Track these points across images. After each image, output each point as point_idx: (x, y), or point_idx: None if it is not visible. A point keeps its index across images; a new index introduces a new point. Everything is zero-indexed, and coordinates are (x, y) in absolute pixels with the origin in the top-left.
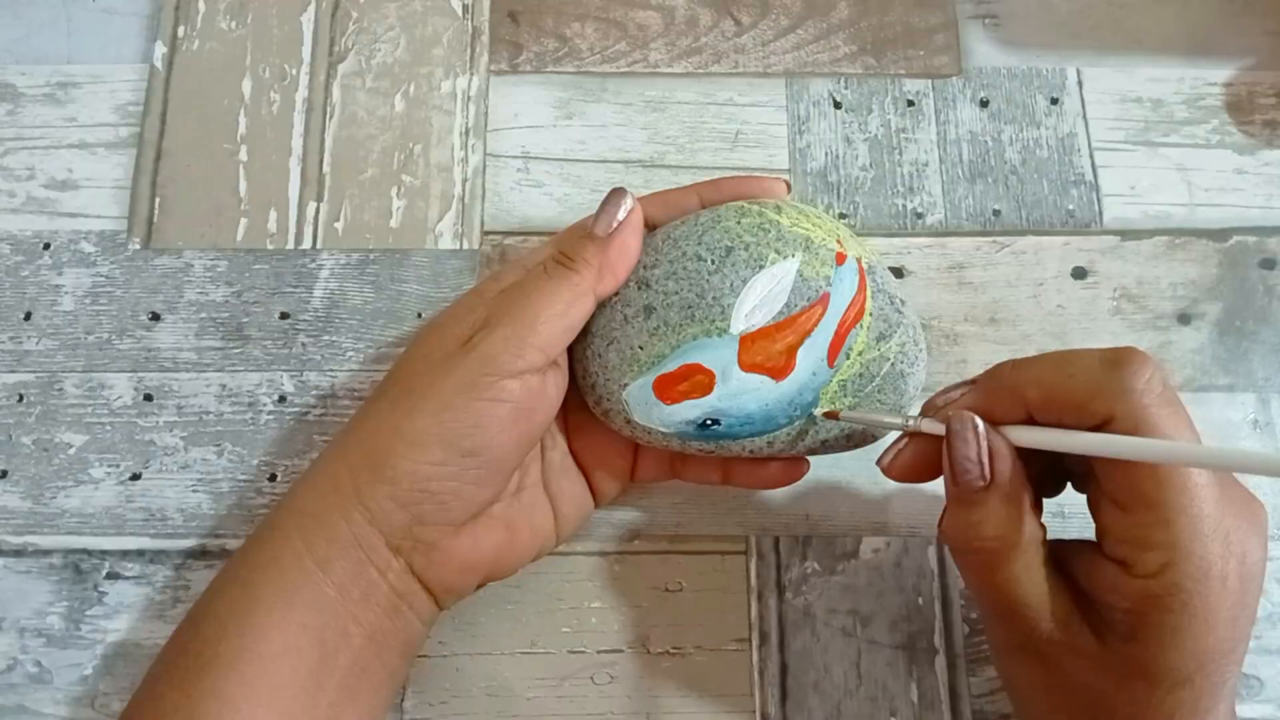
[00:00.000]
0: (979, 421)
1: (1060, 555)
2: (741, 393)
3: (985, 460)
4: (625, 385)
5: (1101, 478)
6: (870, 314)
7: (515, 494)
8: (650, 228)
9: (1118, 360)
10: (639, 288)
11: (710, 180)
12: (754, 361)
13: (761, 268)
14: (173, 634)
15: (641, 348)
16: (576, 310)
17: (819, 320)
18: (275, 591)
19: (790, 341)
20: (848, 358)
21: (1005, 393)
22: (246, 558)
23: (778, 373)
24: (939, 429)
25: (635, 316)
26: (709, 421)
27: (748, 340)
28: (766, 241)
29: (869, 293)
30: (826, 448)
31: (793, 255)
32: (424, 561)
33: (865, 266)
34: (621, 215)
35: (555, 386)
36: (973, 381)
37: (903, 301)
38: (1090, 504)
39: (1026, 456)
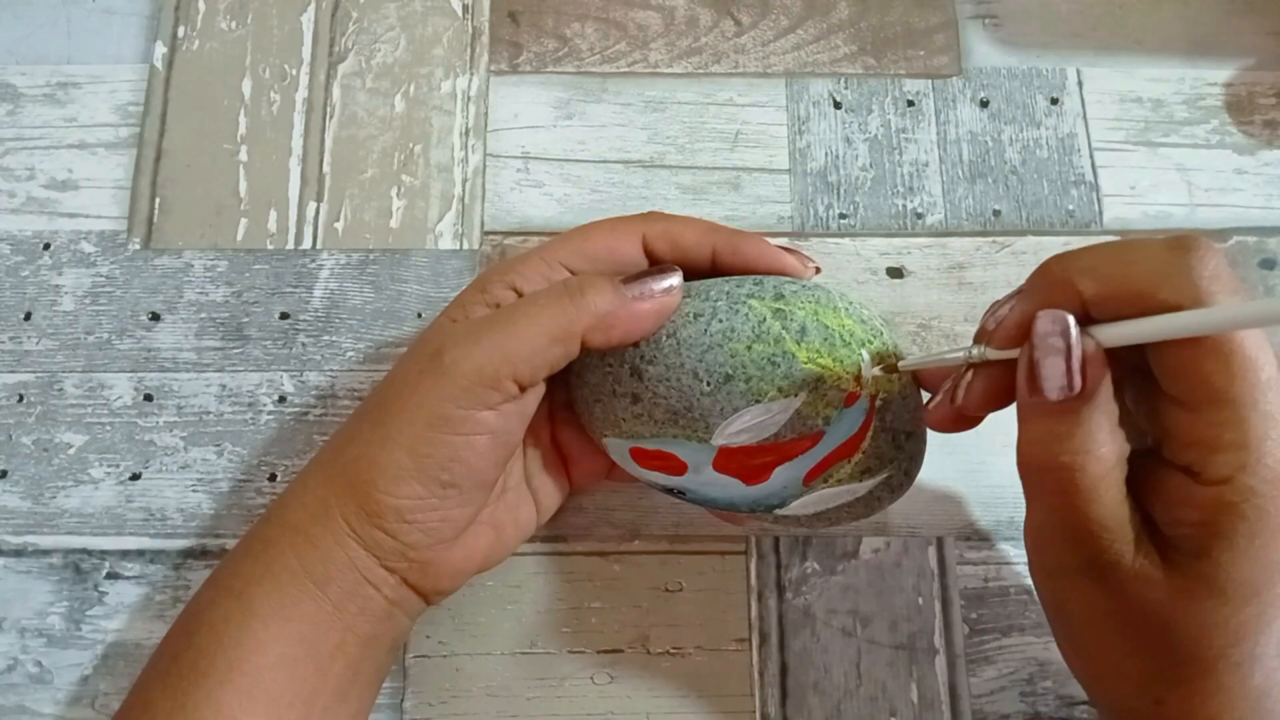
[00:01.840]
0: (1070, 319)
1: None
2: (710, 484)
3: (1076, 366)
4: (605, 436)
5: (1163, 378)
6: (863, 451)
7: (500, 495)
8: (649, 255)
9: (1184, 245)
10: (631, 373)
11: (732, 233)
12: (728, 467)
13: (758, 402)
14: (162, 643)
15: (624, 421)
16: (559, 350)
17: (804, 451)
18: (273, 606)
19: (769, 461)
20: (825, 482)
21: (1057, 291)
22: (239, 569)
23: (750, 479)
24: (1009, 353)
25: (623, 396)
26: (675, 490)
27: (726, 451)
28: (771, 379)
29: (871, 431)
30: (786, 525)
31: (795, 395)
32: (418, 575)
33: (880, 403)
34: (657, 289)
35: (533, 396)
36: (1019, 291)
37: (907, 436)
38: (1148, 412)
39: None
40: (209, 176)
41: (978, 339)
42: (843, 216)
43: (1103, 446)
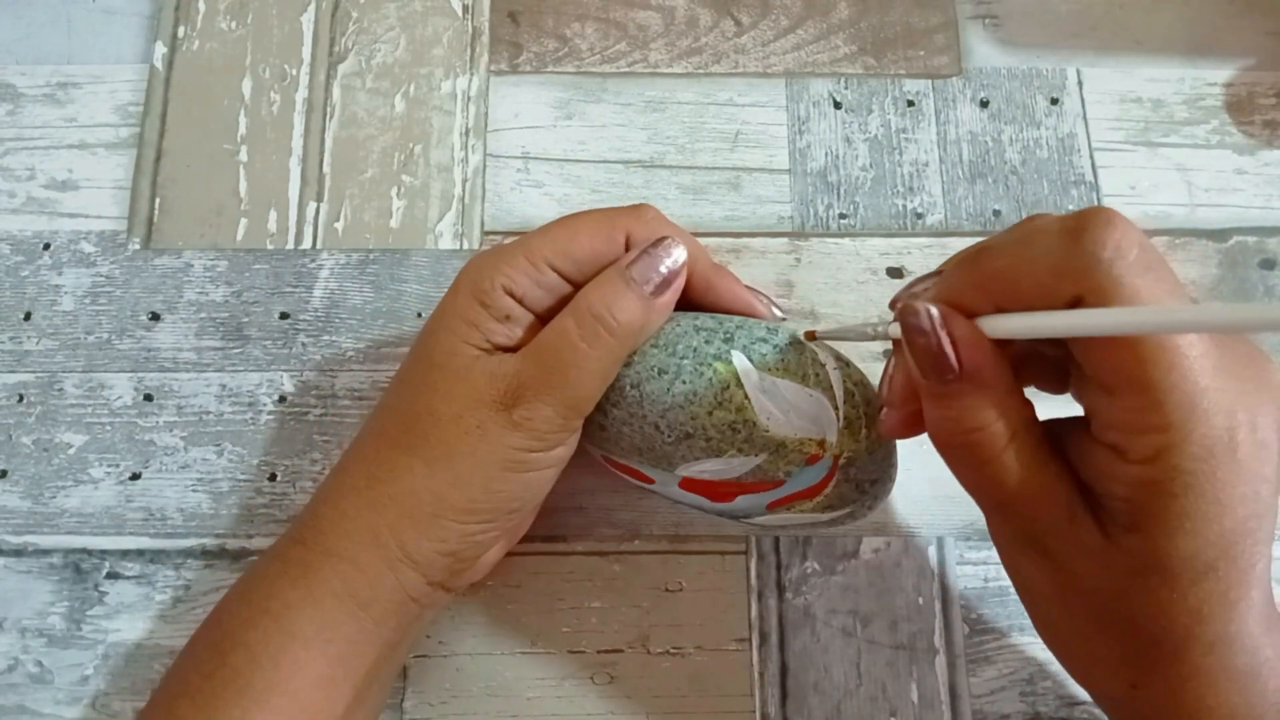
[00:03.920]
0: (933, 309)
1: (1058, 436)
2: (678, 497)
3: (949, 349)
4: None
5: (1081, 360)
6: (825, 495)
7: None
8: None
9: (1079, 226)
10: (597, 408)
11: (711, 267)
12: (693, 488)
13: (719, 456)
14: (187, 657)
15: (594, 435)
16: (613, 375)
17: (766, 490)
18: (314, 630)
19: (732, 490)
20: (789, 510)
21: (969, 284)
22: (275, 591)
23: (715, 499)
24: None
25: (591, 420)
26: (648, 488)
27: (690, 480)
28: (731, 441)
29: (834, 482)
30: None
31: (756, 455)
32: (455, 580)
33: (844, 461)
34: (664, 270)
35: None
36: (939, 272)
37: (871, 483)
38: (1074, 388)
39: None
40: (209, 176)
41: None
42: (843, 216)
43: (993, 423)
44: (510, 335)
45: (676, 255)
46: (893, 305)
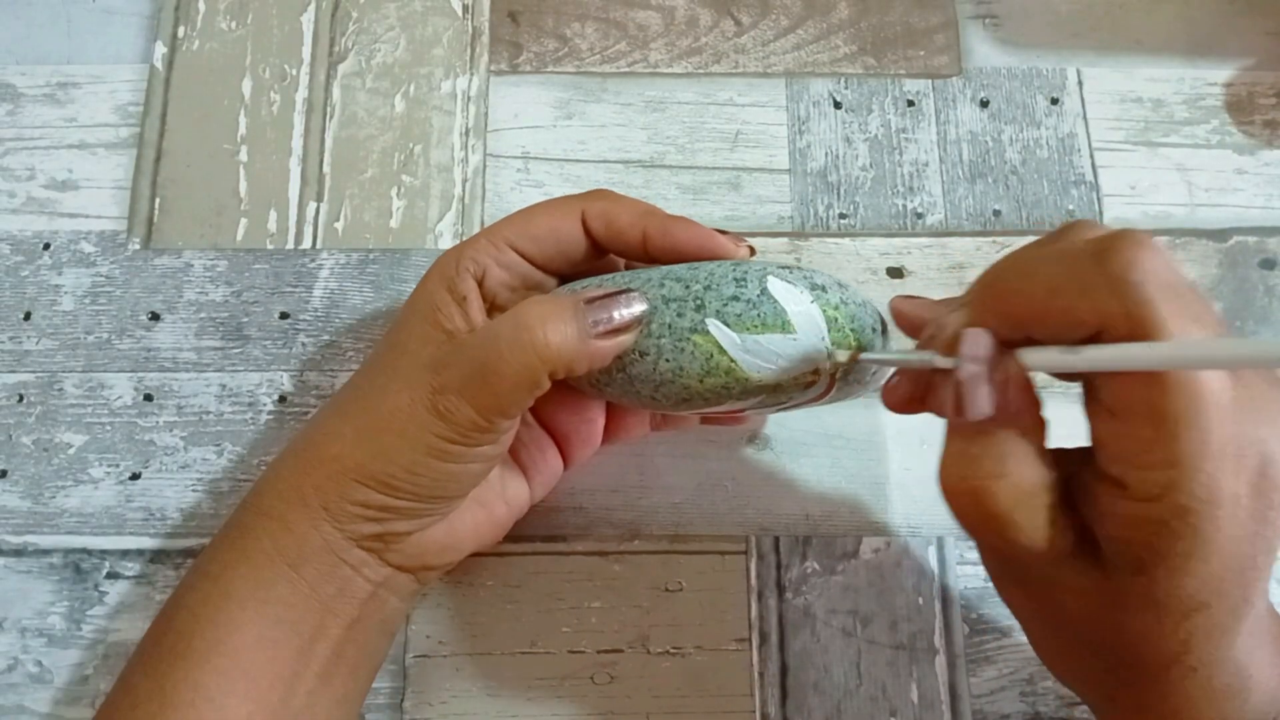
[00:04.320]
0: (989, 344)
1: (1063, 473)
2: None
3: (993, 389)
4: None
5: (1095, 383)
6: (826, 399)
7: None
8: (588, 234)
9: (1107, 248)
10: (592, 384)
11: (665, 218)
12: (703, 419)
13: (719, 405)
14: (147, 630)
15: (598, 393)
16: (536, 393)
17: (770, 410)
18: (249, 588)
19: (738, 415)
20: (794, 408)
21: (991, 308)
22: (216, 554)
23: (724, 421)
24: (953, 361)
25: (591, 386)
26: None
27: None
28: (728, 396)
29: (833, 390)
30: (760, 404)
31: (754, 397)
32: (398, 555)
33: (841, 373)
34: (617, 316)
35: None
36: (962, 301)
37: (872, 374)
38: (1085, 404)
39: None
40: (209, 176)
41: (921, 345)
42: (843, 216)
43: (1014, 474)
44: (467, 319)
45: (635, 309)
46: (924, 342)
